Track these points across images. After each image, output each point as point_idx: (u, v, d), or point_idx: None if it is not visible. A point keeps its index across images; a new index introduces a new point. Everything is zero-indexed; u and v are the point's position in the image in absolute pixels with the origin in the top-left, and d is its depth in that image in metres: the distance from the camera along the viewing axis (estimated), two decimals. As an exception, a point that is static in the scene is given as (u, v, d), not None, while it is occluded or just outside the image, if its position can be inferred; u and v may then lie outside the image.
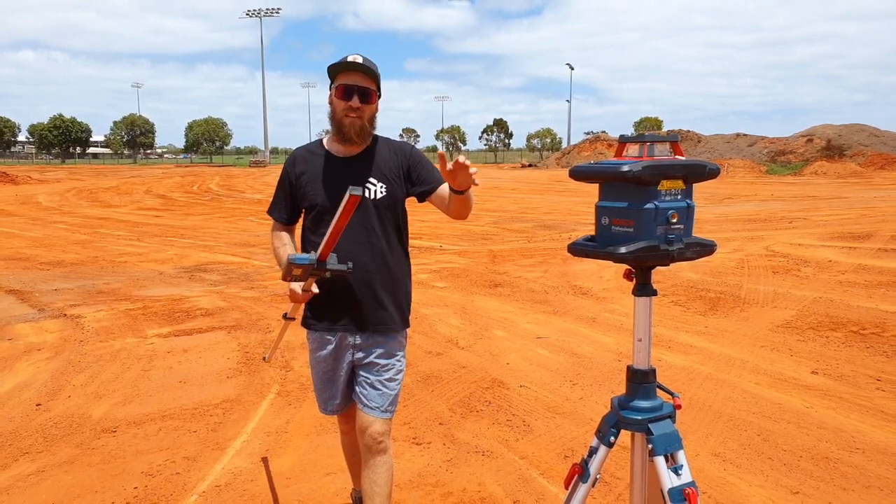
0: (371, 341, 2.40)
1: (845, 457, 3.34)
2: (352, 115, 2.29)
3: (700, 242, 1.70)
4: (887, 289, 6.96)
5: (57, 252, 10.77)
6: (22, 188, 30.49)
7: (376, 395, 2.39)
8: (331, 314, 2.39)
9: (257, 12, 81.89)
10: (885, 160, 39.38)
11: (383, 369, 2.41)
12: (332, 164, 2.39)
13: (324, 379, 2.48)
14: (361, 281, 2.35)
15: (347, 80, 2.29)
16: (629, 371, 1.78)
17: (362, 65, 2.28)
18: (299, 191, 2.42)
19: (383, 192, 2.36)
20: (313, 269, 2.11)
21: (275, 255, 2.52)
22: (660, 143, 1.70)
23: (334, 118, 2.33)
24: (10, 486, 3.14)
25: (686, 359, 4.91)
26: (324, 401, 2.53)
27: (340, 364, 2.44)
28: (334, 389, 2.48)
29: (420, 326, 5.86)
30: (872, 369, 4.60)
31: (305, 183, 2.40)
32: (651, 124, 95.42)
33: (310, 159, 2.42)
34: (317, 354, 2.46)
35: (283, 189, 2.48)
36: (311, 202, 2.39)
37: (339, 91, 2.29)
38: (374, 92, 2.32)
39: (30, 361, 4.99)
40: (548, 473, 3.22)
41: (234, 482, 3.17)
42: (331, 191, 2.36)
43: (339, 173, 2.37)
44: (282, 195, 2.48)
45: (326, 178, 2.38)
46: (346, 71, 2.29)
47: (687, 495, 1.66)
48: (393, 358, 2.43)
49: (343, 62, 2.28)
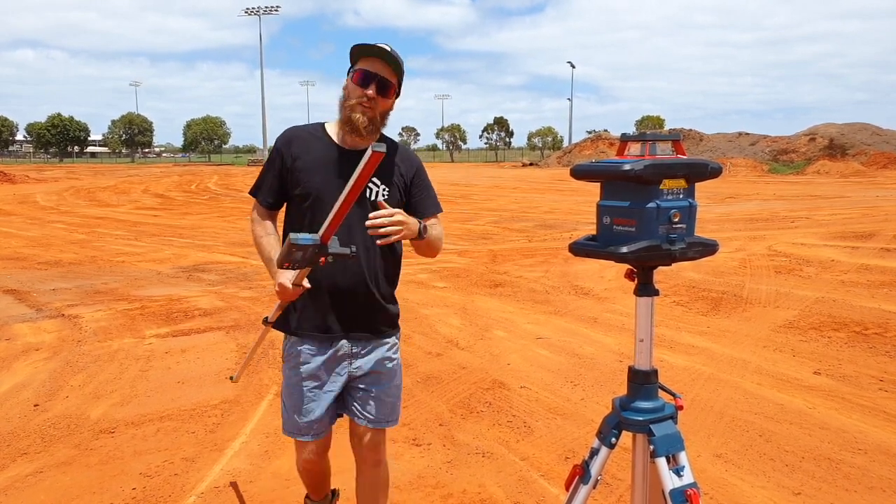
0: (370, 346, 2.22)
1: (847, 458, 3.32)
2: (365, 105, 2.09)
3: (702, 242, 1.68)
4: (890, 289, 6.94)
5: (55, 252, 10.76)
6: (20, 187, 30.49)
7: (382, 406, 2.25)
8: (327, 317, 2.17)
9: (256, 10, 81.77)
10: (887, 159, 39.35)
11: (386, 377, 2.25)
12: (335, 154, 2.16)
13: (308, 396, 2.19)
14: (349, 284, 2.15)
15: (369, 66, 2.08)
16: (631, 372, 1.77)
17: (389, 53, 2.08)
18: (292, 175, 2.17)
19: (385, 194, 2.17)
20: (316, 251, 1.88)
21: (257, 246, 2.25)
22: (662, 141, 1.68)
23: (345, 104, 2.12)
24: (8, 487, 3.12)
25: (688, 359, 4.89)
26: (305, 424, 2.20)
27: (334, 376, 2.20)
28: (320, 409, 2.19)
29: (420, 327, 5.84)
30: (875, 370, 4.57)
31: (301, 168, 2.16)
32: (653, 123, 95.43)
33: (309, 142, 2.18)
34: (303, 366, 2.19)
35: (272, 169, 2.21)
36: (304, 190, 2.15)
37: (357, 76, 2.09)
38: (394, 86, 2.13)
39: (27, 362, 4.98)
40: (548, 475, 3.20)
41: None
42: (330, 182, 2.11)
43: (341, 165, 2.14)
44: (271, 176, 2.22)
45: (327, 167, 2.15)
46: (369, 56, 2.09)
47: (689, 496, 1.64)
48: (394, 362, 2.29)
49: (368, 45, 2.08)
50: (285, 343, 2.27)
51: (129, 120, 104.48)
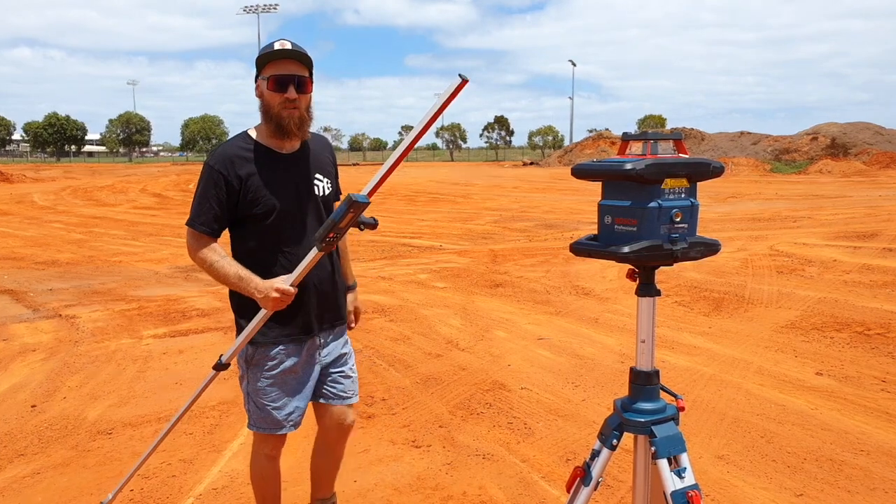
0: (332, 335, 2.38)
1: (850, 459, 3.30)
2: (290, 107, 2.13)
3: (704, 242, 1.67)
4: (892, 289, 6.91)
5: (52, 251, 10.75)
6: (17, 187, 30.49)
7: (350, 384, 2.43)
8: (300, 319, 2.24)
9: (254, 8, 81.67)
10: (889, 158, 39.28)
11: (348, 357, 2.44)
12: (276, 161, 2.19)
13: (291, 391, 2.28)
14: (324, 278, 2.27)
15: (280, 69, 2.12)
16: (632, 373, 1.76)
17: (294, 51, 2.12)
18: (246, 195, 2.13)
19: (329, 188, 2.32)
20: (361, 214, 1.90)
21: (216, 271, 2.14)
22: (663, 140, 1.67)
23: (269, 112, 2.15)
24: (5, 488, 3.11)
25: (690, 360, 4.87)
26: (285, 416, 2.28)
27: (310, 369, 2.32)
28: (303, 399, 2.32)
29: (420, 327, 5.82)
30: (877, 370, 4.55)
31: (256, 185, 2.13)
32: (654, 122, 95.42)
33: (248, 158, 2.16)
34: (281, 368, 2.25)
35: (213, 195, 2.12)
36: (266, 207, 2.15)
37: (271, 83, 2.12)
38: (308, 79, 2.18)
39: (25, 362, 4.96)
40: (549, 477, 3.18)
41: (231, 485, 3.14)
42: (285, 191, 2.18)
43: (286, 171, 2.20)
44: (214, 202, 2.12)
45: (276, 177, 2.17)
46: (276, 60, 2.13)
47: (690, 498, 1.64)
48: (349, 341, 2.49)
49: (272, 51, 2.12)
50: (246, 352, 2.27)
51: (126, 119, 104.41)
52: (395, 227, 13.50)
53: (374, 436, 3.66)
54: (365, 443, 3.57)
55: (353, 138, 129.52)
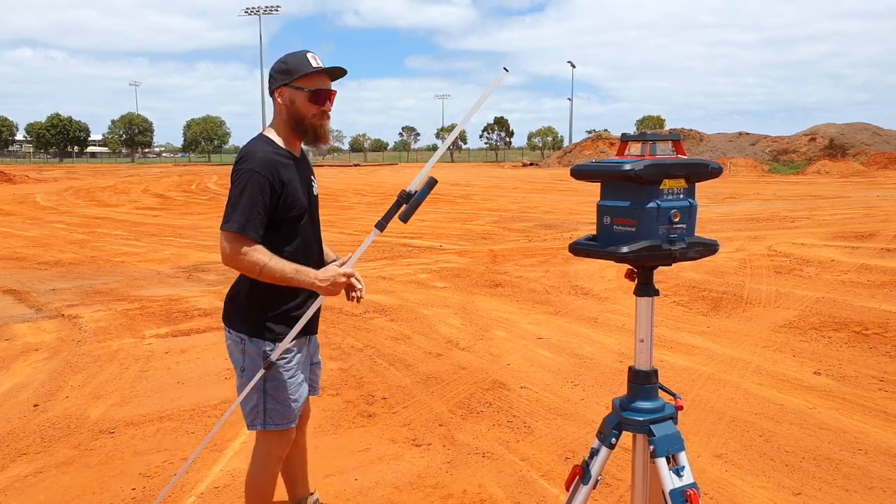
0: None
1: (848, 458, 3.32)
2: (324, 119, 2.27)
3: (702, 242, 1.68)
4: (890, 289, 6.93)
5: (54, 252, 10.76)
6: (19, 187, 30.47)
7: (320, 375, 2.65)
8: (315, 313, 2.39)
9: (256, 10, 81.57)
10: (887, 159, 39.30)
11: (318, 351, 2.62)
12: (295, 164, 2.31)
13: (301, 385, 2.39)
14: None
15: (319, 84, 2.24)
16: (631, 372, 1.77)
17: (333, 69, 2.26)
18: (286, 200, 2.20)
19: (317, 189, 2.46)
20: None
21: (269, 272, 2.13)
22: (662, 141, 1.68)
23: (302, 121, 2.24)
24: (8, 488, 3.12)
25: (688, 359, 4.89)
26: (298, 408, 2.39)
27: (307, 363, 2.52)
28: (304, 391, 2.46)
29: (420, 327, 5.84)
30: (875, 370, 4.57)
31: (292, 190, 2.23)
32: (653, 123, 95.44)
33: (284, 164, 2.23)
34: (293, 363, 2.35)
35: (263, 201, 2.13)
36: (299, 210, 2.26)
37: (313, 96, 2.23)
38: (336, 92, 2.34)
39: (27, 362, 4.98)
40: (549, 475, 3.19)
41: (232, 483, 3.15)
42: (304, 192, 2.32)
43: (301, 173, 2.32)
44: (262, 208, 2.13)
45: (300, 180, 2.30)
46: (316, 74, 2.23)
47: (689, 497, 1.65)
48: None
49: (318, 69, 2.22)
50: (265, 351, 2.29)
51: (128, 120, 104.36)
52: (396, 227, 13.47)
53: (375, 434, 3.68)
54: (366, 441, 3.59)
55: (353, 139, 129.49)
